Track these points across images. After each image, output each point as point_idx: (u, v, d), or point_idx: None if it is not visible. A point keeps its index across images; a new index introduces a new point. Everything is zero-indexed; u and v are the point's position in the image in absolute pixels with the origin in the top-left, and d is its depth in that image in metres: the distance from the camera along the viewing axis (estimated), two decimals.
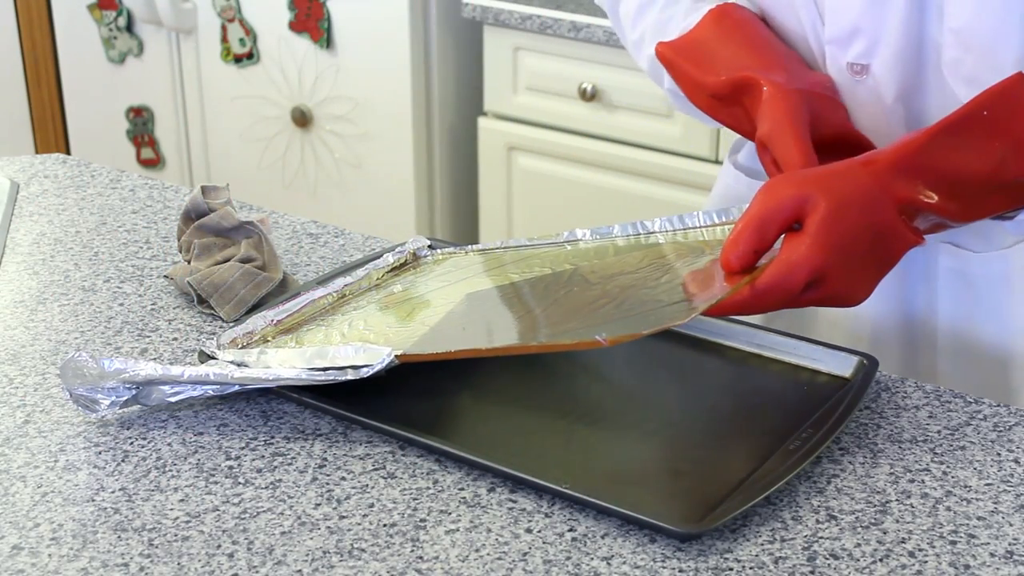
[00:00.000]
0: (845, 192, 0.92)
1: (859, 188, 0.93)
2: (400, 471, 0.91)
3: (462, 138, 2.65)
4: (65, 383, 0.95)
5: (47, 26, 2.96)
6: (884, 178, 0.93)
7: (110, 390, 0.95)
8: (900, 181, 0.93)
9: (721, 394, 1.04)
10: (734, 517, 0.85)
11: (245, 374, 0.96)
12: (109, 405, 0.95)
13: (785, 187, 0.93)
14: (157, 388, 0.96)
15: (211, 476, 0.90)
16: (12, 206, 1.34)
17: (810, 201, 0.91)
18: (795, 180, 0.93)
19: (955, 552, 0.83)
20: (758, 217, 0.92)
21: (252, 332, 1.04)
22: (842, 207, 0.92)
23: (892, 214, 0.93)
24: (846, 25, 1.04)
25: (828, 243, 0.91)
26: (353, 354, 0.96)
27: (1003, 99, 0.95)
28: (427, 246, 1.17)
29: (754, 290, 0.92)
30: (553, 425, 0.98)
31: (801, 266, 0.91)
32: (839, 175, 0.94)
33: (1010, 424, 0.97)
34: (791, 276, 0.91)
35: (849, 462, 0.92)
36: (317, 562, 0.82)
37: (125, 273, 1.20)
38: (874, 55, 1.04)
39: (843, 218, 0.91)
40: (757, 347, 1.05)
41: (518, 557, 0.82)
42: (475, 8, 2.44)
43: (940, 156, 0.94)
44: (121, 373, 0.95)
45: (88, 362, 0.95)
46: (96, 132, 2.98)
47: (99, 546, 0.83)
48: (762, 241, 0.93)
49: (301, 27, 2.60)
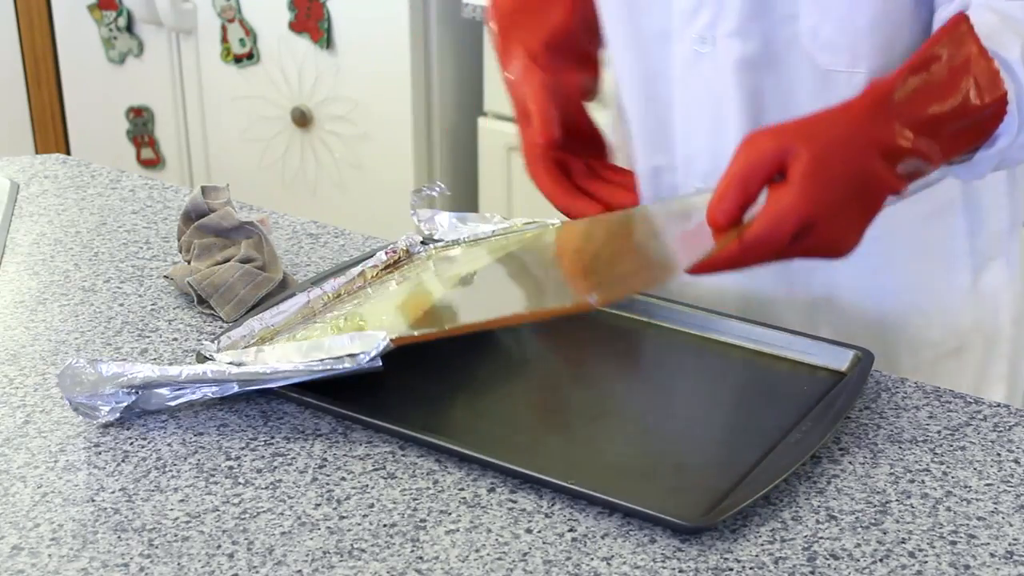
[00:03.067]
0: (827, 139, 0.93)
1: (840, 134, 0.93)
2: (400, 471, 0.91)
3: (462, 138, 2.65)
4: (64, 392, 0.95)
5: (47, 26, 2.96)
6: (863, 123, 0.94)
7: (109, 396, 0.95)
8: (878, 125, 0.94)
9: (719, 389, 1.04)
10: (736, 514, 0.85)
11: (243, 371, 0.95)
12: (109, 411, 0.95)
13: (766, 140, 0.93)
14: (156, 392, 0.96)
15: (211, 476, 0.90)
16: (12, 206, 1.34)
17: (792, 151, 0.91)
18: (775, 132, 0.94)
19: (955, 552, 0.83)
20: (741, 172, 0.92)
21: (248, 335, 1.04)
22: (825, 154, 0.92)
23: (873, 158, 0.93)
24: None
25: (813, 191, 0.91)
26: (348, 342, 0.96)
27: (953, 38, 0.97)
28: (420, 242, 1.17)
29: (743, 243, 0.92)
30: (553, 422, 0.99)
31: (788, 215, 0.91)
32: (819, 123, 0.94)
33: (1010, 424, 0.97)
34: (779, 226, 0.91)
35: (849, 462, 0.92)
36: (317, 562, 0.82)
37: (125, 273, 1.20)
38: (717, 26, 1.07)
39: (827, 165, 0.92)
40: (753, 342, 1.05)
41: (518, 557, 0.82)
42: (475, 8, 2.43)
43: (913, 97, 0.95)
44: (119, 377, 0.95)
45: (85, 368, 0.95)
46: (96, 132, 2.98)
47: (99, 546, 0.83)
48: (746, 195, 0.92)
49: (301, 27, 2.60)
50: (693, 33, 1.08)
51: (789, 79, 1.07)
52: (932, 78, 0.96)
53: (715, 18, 1.07)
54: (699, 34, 1.08)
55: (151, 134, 2.91)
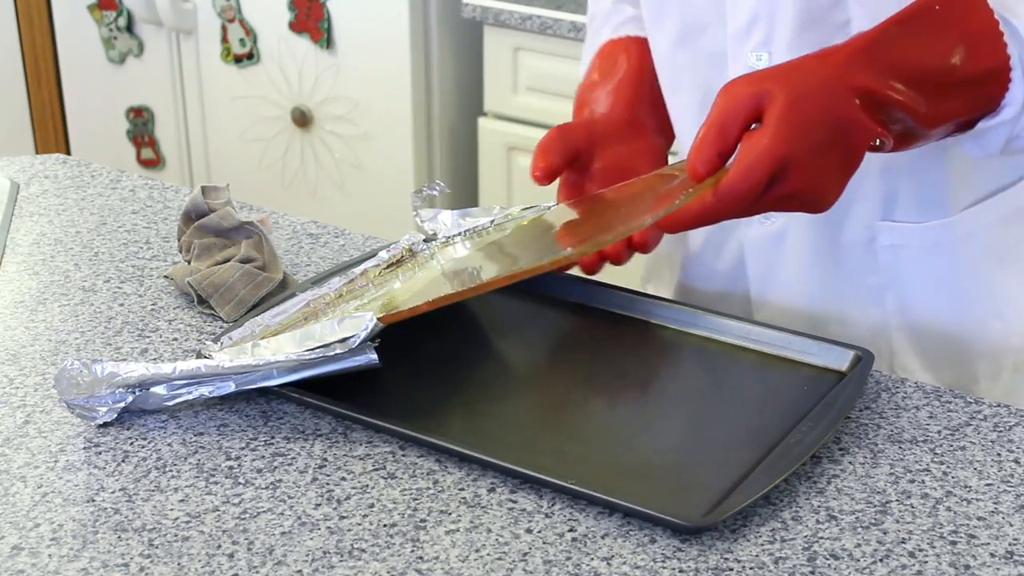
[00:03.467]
0: (802, 83, 0.91)
1: (816, 78, 0.92)
2: (400, 471, 0.91)
3: (462, 138, 2.65)
4: (61, 395, 0.95)
5: (47, 26, 2.96)
6: (841, 68, 0.92)
7: (106, 397, 0.95)
8: (857, 70, 0.92)
9: (719, 389, 1.04)
10: (736, 514, 0.85)
11: (236, 364, 0.95)
12: (106, 412, 0.95)
13: (742, 86, 0.92)
14: (153, 392, 0.95)
15: (211, 476, 0.90)
16: (12, 206, 1.34)
17: (768, 95, 0.90)
18: (752, 78, 0.93)
19: (955, 552, 0.83)
20: (719, 119, 0.91)
21: (250, 336, 1.03)
22: (800, 97, 0.90)
23: (851, 103, 0.91)
24: (745, 15, 1.06)
25: (788, 133, 0.90)
26: (337, 326, 0.96)
27: None
28: (423, 240, 1.17)
29: (717, 192, 0.91)
30: (553, 422, 0.99)
31: (762, 158, 0.89)
32: (796, 68, 0.93)
33: (1010, 424, 0.97)
34: (753, 170, 0.90)
35: (849, 462, 0.92)
36: (317, 562, 0.82)
37: (125, 273, 1.20)
38: (772, 42, 1.06)
39: (802, 108, 0.90)
40: (753, 342, 1.05)
41: (518, 557, 0.82)
42: (475, 8, 2.44)
43: (895, 46, 0.93)
44: (114, 377, 0.94)
45: (80, 370, 0.94)
46: (96, 132, 2.98)
47: (99, 546, 0.83)
48: (725, 143, 0.92)
49: (301, 27, 2.60)
50: (748, 50, 1.07)
51: None
52: (920, 30, 0.94)
53: (770, 33, 1.06)
54: (754, 50, 1.07)
55: (151, 134, 2.91)
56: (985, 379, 1.13)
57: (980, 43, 0.93)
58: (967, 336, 1.13)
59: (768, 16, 1.05)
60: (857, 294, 1.13)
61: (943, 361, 1.13)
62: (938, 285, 1.11)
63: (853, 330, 1.12)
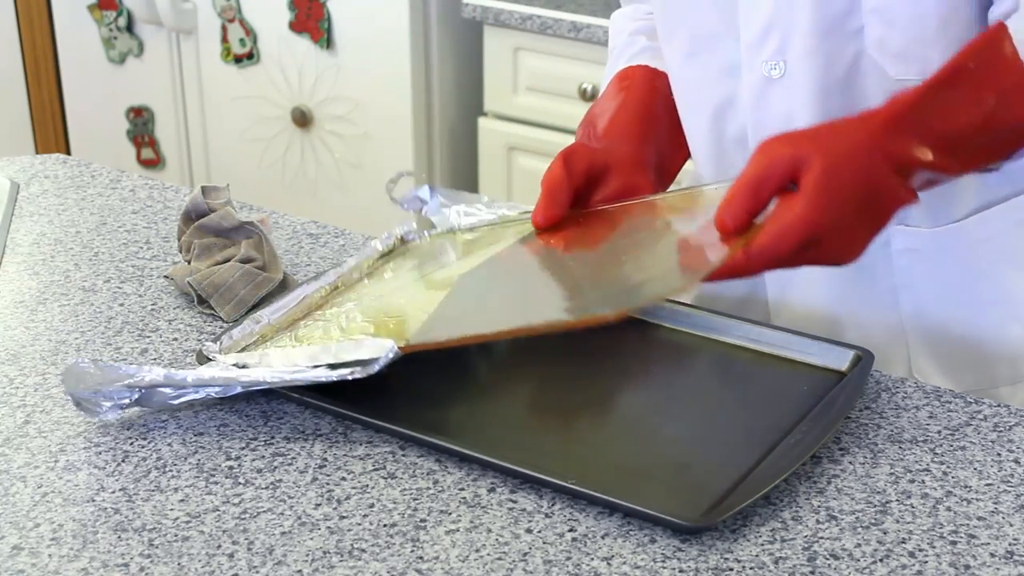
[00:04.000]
0: (840, 150, 0.92)
1: (854, 146, 0.92)
2: (400, 471, 0.91)
3: (462, 138, 2.65)
4: (67, 388, 0.95)
5: (47, 26, 2.96)
6: (878, 136, 0.93)
7: (112, 393, 0.95)
8: (894, 138, 0.93)
9: (720, 389, 1.04)
10: (736, 514, 0.85)
11: (251, 377, 0.95)
12: (111, 407, 0.95)
13: (780, 147, 0.92)
14: (159, 391, 0.95)
15: (211, 476, 0.90)
16: (12, 206, 1.34)
17: (805, 160, 0.91)
18: (790, 139, 0.93)
19: (955, 552, 0.83)
20: (753, 178, 0.92)
21: (250, 333, 1.04)
22: (837, 166, 0.91)
23: (887, 172, 0.92)
24: (760, 25, 1.06)
25: (823, 203, 0.90)
26: (355, 349, 0.96)
27: (986, 50, 0.95)
28: (414, 229, 1.16)
29: (748, 253, 0.91)
30: (553, 422, 0.99)
31: (796, 228, 0.90)
32: (834, 133, 0.93)
33: (1010, 424, 0.97)
34: (786, 238, 0.91)
35: (849, 462, 0.92)
36: (317, 562, 0.82)
37: (125, 273, 1.20)
38: (788, 51, 1.05)
39: (838, 177, 0.91)
40: (753, 342, 1.05)
41: (518, 557, 0.82)
42: (475, 8, 2.43)
43: (932, 111, 0.94)
44: (125, 379, 0.94)
45: (90, 368, 0.94)
46: (96, 132, 2.98)
47: (99, 546, 0.83)
48: (757, 202, 0.92)
49: (301, 27, 2.60)
50: (763, 59, 1.07)
51: (862, 95, 1.05)
52: (957, 91, 0.95)
53: (784, 41, 1.05)
54: (769, 59, 1.07)
55: (151, 134, 2.91)
56: (1006, 383, 1.13)
57: (1014, 96, 0.94)
58: (985, 340, 1.13)
59: (783, 25, 1.05)
60: (873, 298, 1.13)
61: (961, 366, 1.13)
62: (953, 289, 1.11)
63: (870, 334, 1.12)
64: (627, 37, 1.25)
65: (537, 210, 1.07)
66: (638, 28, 1.24)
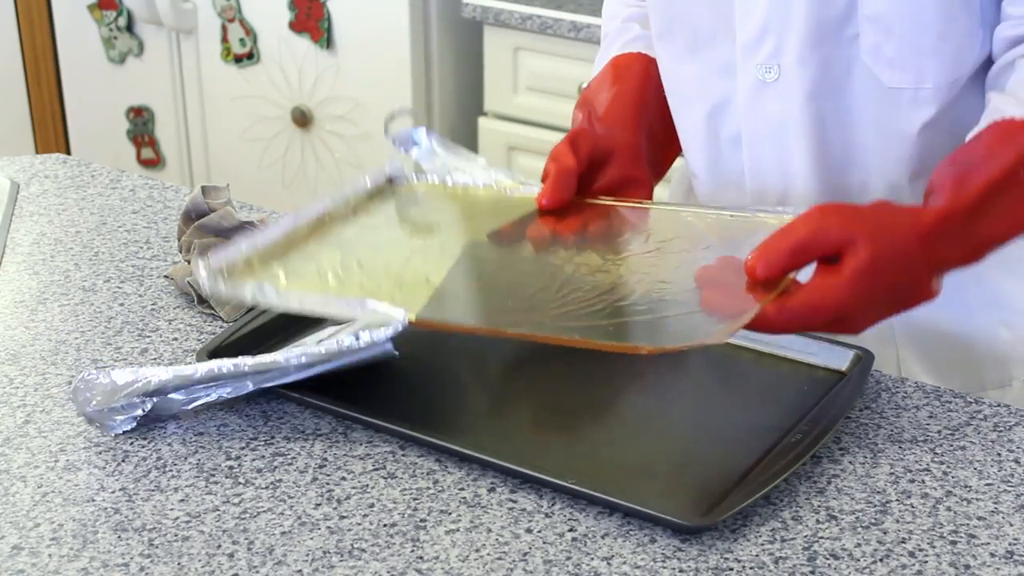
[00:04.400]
0: (889, 243, 0.92)
1: (903, 243, 0.93)
2: (400, 471, 0.91)
3: (462, 138, 2.65)
4: (77, 407, 0.94)
5: (47, 26, 2.96)
6: (927, 239, 0.93)
7: (124, 408, 0.94)
8: (940, 244, 0.94)
9: (720, 389, 1.04)
10: (736, 514, 0.85)
11: (258, 361, 0.94)
12: (124, 420, 0.94)
13: (834, 221, 0.92)
14: (170, 399, 0.95)
15: (211, 476, 0.90)
16: (12, 206, 1.34)
17: (855, 244, 0.91)
18: (846, 217, 0.93)
19: (955, 552, 0.83)
20: (800, 243, 0.91)
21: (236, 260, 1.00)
22: (883, 258, 0.91)
23: (926, 275, 0.94)
24: (755, 28, 1.06)
25: (863, 292, 0.91)
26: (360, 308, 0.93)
27: None
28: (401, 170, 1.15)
29: (779, 314, 0.91)
30: (552, 422, 0.99)
31: (832, 307, 0.91)
32: (887, 228, 0.93)
33: (1010, 424, 0.97)
34: (820, 312, 0.91)
35: (849, 462, 0.92)
36: (317, 562, 0.82)
37: (125, 273, 1.20)
38: (782, 55, 1.06)
39: (881, 271, 0.91)
40: (753, 342, 1.05)
41: (518, 557, 0.82)
42: (475, 8, 2.43)
43: (981, 220, 0.95)
44: (133, 384, 0.94)
45: (98, 378, 0.94)
46: (96, 132, 2.98)
47: (99, 546, 0.83)
48: (795, 265, 0.92)
49: (301, 27, 2.60)
50: (757, 63, 1.07)
51: (856, 102, 1.05)
52: (1007, 200, 0.95)
53: (779, 46, 1.06)
54: (763, 63, 1.07)
55: (151, 134, 2.91)
56: (994, 387, 1.13)
57: None
58: (974, 344, 1.13)
59: (778, 29, 1.05)
60: None
61: (950, 368, 1.13)
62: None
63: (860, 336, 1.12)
64: (620, 24, 1.25)
65: (544, 192, 1.07)
66: (631, 15, 1.25)
